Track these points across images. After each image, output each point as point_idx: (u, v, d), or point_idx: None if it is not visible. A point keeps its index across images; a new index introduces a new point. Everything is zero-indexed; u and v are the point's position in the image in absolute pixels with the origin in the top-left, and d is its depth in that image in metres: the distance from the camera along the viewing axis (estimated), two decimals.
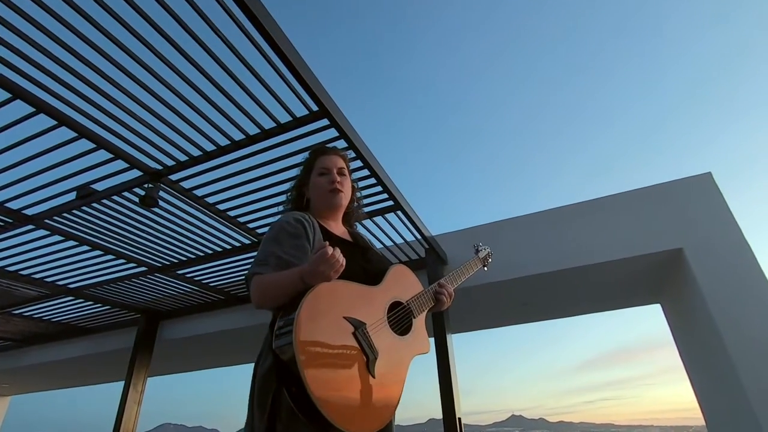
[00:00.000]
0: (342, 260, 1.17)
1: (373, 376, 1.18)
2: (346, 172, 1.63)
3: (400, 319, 1.39)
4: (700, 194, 3.76)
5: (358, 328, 1.20)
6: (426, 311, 1.53)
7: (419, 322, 1.47)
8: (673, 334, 5.06)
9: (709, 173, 3.81)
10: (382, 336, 1.28)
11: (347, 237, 1.58)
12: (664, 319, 5.23)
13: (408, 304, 1.44)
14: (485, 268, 1.98)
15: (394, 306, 1.39)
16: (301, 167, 1.68)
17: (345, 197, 1.58)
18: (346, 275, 1.25)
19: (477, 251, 1.98)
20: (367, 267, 1.44)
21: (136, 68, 2.24)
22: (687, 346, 4.57)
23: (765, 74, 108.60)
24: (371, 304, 1.31)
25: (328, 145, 1.74)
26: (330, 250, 1.14)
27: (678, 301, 4.31)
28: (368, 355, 1.19)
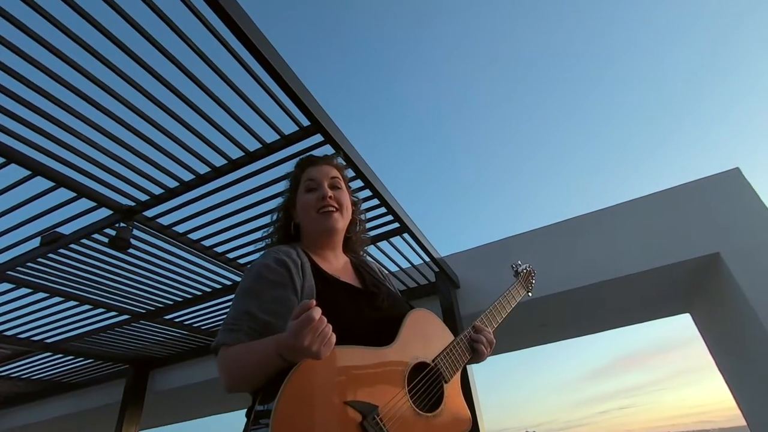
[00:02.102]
0: (332, 338, 0.81)
1: None
2: (342, 183, 1.26)
3: (427, 388, 1.01)
4: (731, 192, 3.45)
5: (368, 415, 0.84)
6: (461, 369, 1.16)
7: (453, 388, 1.08)
8: (707, 344, 4.72)
9: (737, 169, 3.52)
10: (403, 420, 0.90)
11: (348, 275, 1.20)
12: (695, 328, 4.90)
13: (436, 365, 1.06)
14: (529, 294, 1.60)
15: (418, 369, 1.02)
16: (288, 184, 1.33)
17: (342, 217, 1.21)
18: (346, 335, 0.90)
19: (516, 273, 1.60)
20: (376, 317, 1.07)
21: (92, 89, 1.91)
22: (727, 355, 4.20)
23: None
24: (384, 375, 0.94)
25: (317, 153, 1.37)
26: (315, 314, 0.78)
27: (715, 309, 3.95)
28: None
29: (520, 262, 1.67)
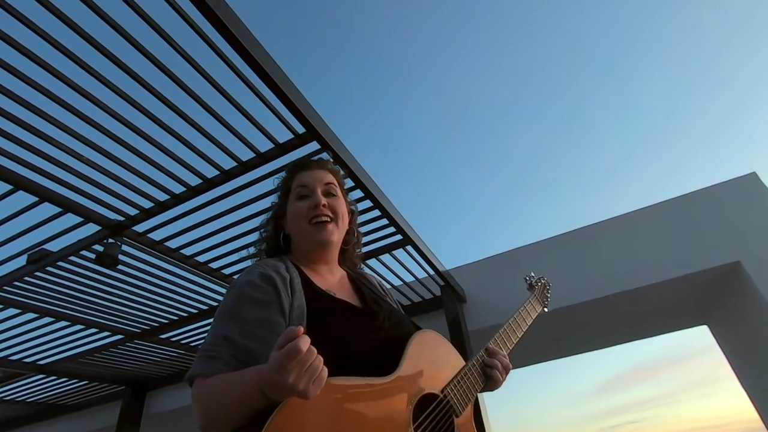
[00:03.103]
0: (323, 373, 0.68)
1: None
2: (337, 190, 1.14)
3: (435, 425, 0.87)
4: (749, 198, 3.30)
5: None
6: (474, 400, 1.01)
7: (465, 422, 0.95)
8: (726, 355, 4.51)
9: (754, 173, 3.38)
10: None
11: (345, 291, 1.07)
12: (713, 341, 4.70)
13: (445, 396, 0.92)
14: (545, 310, 1.45)
15: (425, 403, 0.88)
16: (278, 191, 1.21)
17: (337, 228, 1.08)
18: (342, 362, 0.78)
19: (531, 286, 1.46)
20: (376, 340, 0.93)
21: (75, 99, 1.81)
22: (748, 366, 3.99)
23: None
24: (386, 412, 0.80)
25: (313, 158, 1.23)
26: (303, 345, 0.64)
27: (735, 320, 3.76)
28: None
29: (533, 274, 1.53)
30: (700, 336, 4.85)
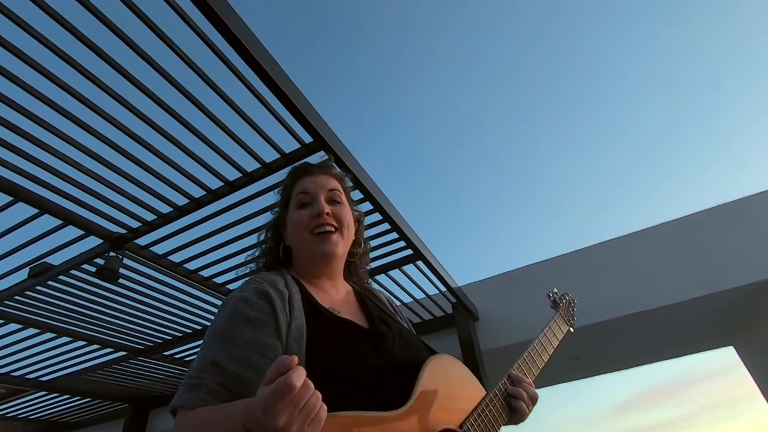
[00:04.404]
0: (321, 412, 0.57)
1: None
2: (342, 197, 1.03)
3: None
4: None
5: None
6: None
7: None
8: (755, 378, 4.26)
9: None
10: None
11: (351, 309, 0.97)
12: (740, 363, 4.45)
13: None
14: (572, 330, 1.32)
15: None
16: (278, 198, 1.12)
17: (342, 239, 0.98)
18: (344, 393, 0.70)
19: (555, 304, 1.33)
20: (385, 366, 0.82)
21: (77, 107, 1.76)
22: None
23: None
24: None
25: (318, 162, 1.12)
26: (296, 381, 0.53)
27: (765, 341, 3.55)
28: None
29: (556, 290, 1.41)
30: (721, 356, 4.61)
